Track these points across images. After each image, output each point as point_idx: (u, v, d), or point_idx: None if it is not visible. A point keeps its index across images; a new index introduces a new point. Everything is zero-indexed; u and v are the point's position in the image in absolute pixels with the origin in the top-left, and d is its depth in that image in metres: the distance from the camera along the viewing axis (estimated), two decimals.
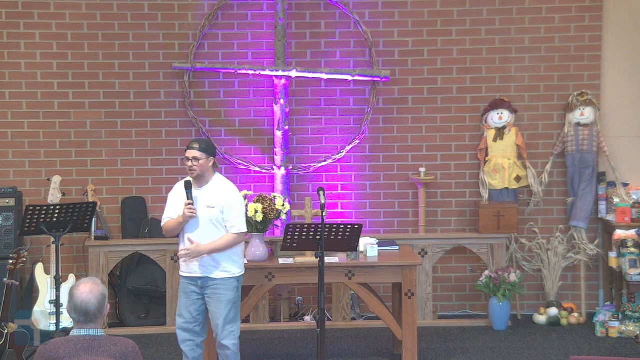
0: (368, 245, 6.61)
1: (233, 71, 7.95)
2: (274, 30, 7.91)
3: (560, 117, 8.14)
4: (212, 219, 5.65)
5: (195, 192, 5.67)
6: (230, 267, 5.70)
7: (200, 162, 5.62)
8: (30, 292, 7.52)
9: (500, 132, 8.00)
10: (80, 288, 3.94)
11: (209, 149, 5.69)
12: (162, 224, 5.83)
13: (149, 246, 7.67)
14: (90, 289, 3.93)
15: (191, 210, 5.59)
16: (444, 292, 8.19)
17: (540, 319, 7.81)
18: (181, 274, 5.79)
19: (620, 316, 7.40)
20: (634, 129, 8.13)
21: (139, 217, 7.99)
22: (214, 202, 5.66)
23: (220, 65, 7.98)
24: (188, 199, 5.62)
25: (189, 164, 5.64)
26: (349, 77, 7.98)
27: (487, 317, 7.78)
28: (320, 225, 5.62)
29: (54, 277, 6.11)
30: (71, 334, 3.95)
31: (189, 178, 5.71)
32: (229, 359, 5.72)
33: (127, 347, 3.92)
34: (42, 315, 7.08)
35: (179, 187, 5.79)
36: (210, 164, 5.70)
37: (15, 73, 7.96)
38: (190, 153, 5.64)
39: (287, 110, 7.95)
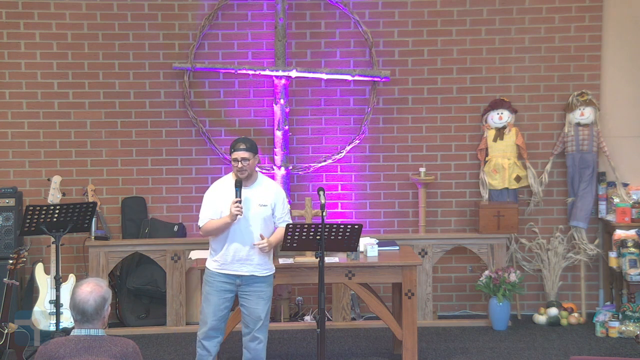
0: (368, 245, 6.61)
1: (233, 71, 7.95)
2: (274, 30, 7.91)
3: (560, 117, 8.14)
4: (265, 217, 5.69)
5: (244, 191, 5.64)
6: (271, 264, 5.83)
7: (250, 162, 5.64)
8: (30, 292, 7.52)
9: (500, 132, 8.00)
10: (82, 287, 3.95)
11: (254, 148, 5.72)
12: (202, 224, 5.75)
13: (149, 246, 7.67)
14: (91, 290, 3.94)
15: (239, 209, 5.55)
16: (444, 292, 8.19)
17: (540, 319, 7.81)
18: (217, 270, 5.74)
19: (620, 316, 7.40)
20: (634, 129, 8.13)
21: (139, 217, 7.99)
22: (265, 199, 5.70)
23: (220, 65, 7.98)
24: (237, 197, 5.57)
25: (239, 165, 5.62)
26: (349, 77, 7.98)
27: (487, 317, 7.78)
28: (320, 225, 5.62)
29: (54, 277, 6.11)
30: (72, 333, 3.95)
31: (237, 177, 5.66)
32: (260, 352, 5.78)
33: (127, 347, 3.92)
34: (42, 315, 7.08)
35: (222, 186, 5.75)
36: (257, 162, 5.75)
37: (15, 73, 7.96)
38: (240, 154, 5.63)
39: (287, 110, 7.95)
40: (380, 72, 7.97)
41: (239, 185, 5.61)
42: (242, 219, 5.62)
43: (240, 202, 5.56)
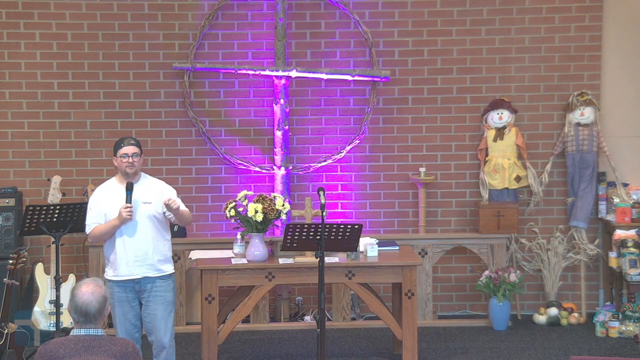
0: (368, 245, 6.61)
1: (233, 71, 7.95)
2: (274, 30, 7.91)
3: (560, 117, 8.14)
4: (152, 215, 5.61)
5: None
6: (169, 266, 5.73)
7: (139, 157, 5.63)
8: (30, 292, 7.52)
9: (500, 132, 8.00)
10: (82, 289, 3.95)
11: (140, 145, 5.70)
12: (89, 230, 5.65)
13: None
14: (92, 291, 3.94)
15: (129, 213, 5.47)
16: (444, 292, 8.19)
17: (540, 319, 7.81)
18: (115, 278, 5.62)
19: (620, 316, 7.40)
20: (634, 129, 8.13)
21: None
22: (149, 197, 5.62)
23: (220, 65, 7.98)
24: (128, 202, 5.50)
25: (130, 159, 5.56)
26: (349, 77, 7.98)
27: (487, 317, 7.78)
28: (320, 225, 5.62)
29: (54, 277, 6.11)
30: (71, 333, 3.95)
31: (126, 178, 5.59)
32: (171, 357, 5.72)
33: (127, 347, 3.93)
34: (42, 315, 7.09)
35: (105, 190, 5.68)
36: (142, 160, 5.73)
37: (15, 73, 7.96)
38: (131, 149, 5.59)
39: (287, 110, 7.95)
40: (380, 72, 7.97)
41: (130, 188, 5.53)
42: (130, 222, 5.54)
43: (131, 206, 5.48)
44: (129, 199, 5.52)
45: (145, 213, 5.59)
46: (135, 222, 5.56)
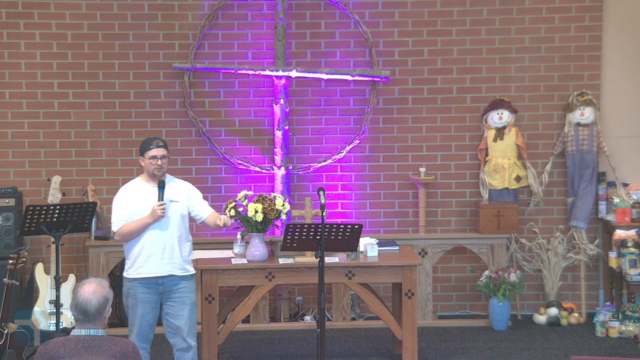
0: (368, 245, 6.61)
1: (233, 71, 7.96)
2: (274, 30, 7.91)
3: (560, 117, 8.14)
4: (179, 212, 5.68)
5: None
6: (191, 267, 5.82)
7: (167, 159, 5.70)
8: (30, 292, 7.52)
9: (500, 132, 8.00)
10: (84, 287, 3.97)
11: (167, 145, 5.78)
12: (116, 228, 5.67)
13: None
14: (93, 290, 3.95)
15: (163, 210, 5.54)
16: (444, 292, 8.19)
17: (540, 319, 7.81)
18: (139, 276, 5.66)
19: (620, 316, 7.40)
20: (634, 129, 8.13)
21: None
22: (176, 196, 5.70)
23: (220, 65, 7.98)
24: (161, 199, 5.57)
25: (159, 162, 5.63)
26: (349, 77, 7.98)
27: (487, 317, 7.78)
28: (320, 225, 5.62)
29: (54, 277, 6.11)
30: (72, 333, 3.96)
31: (158, 178, 5.65)
32: (195, 356, 5.76)
33: (127, 348, 3.93)
34: (42, 315, 7.09)
35: (132, 189, 5.72)
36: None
37: (15, 73, 7.96)
38: (160, 152, 5.65)
39: (287, 110, 7.95)
40: (380, 72, 7.97)
41: (162, 186, 5.60)
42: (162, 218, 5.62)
43: (164, 204, 5.56)
44: (161, 197, 5.58)
45: (173, 212, 5.66)
46: (164, 220, 5.62)
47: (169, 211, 5.62)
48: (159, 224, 5.61)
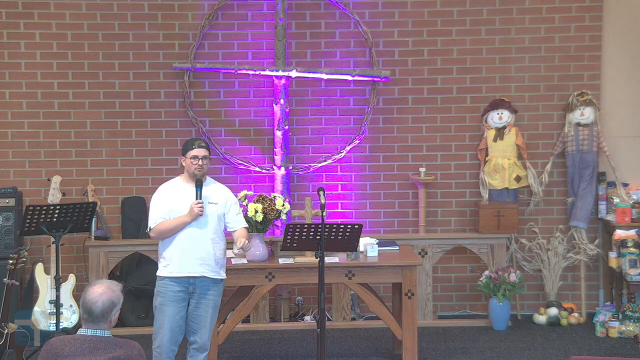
0: (368, 245, 6.61)
1: (233, 71, 7.96)
2: (274, 30, 7.91)
3: (560, 117, 8.14)
4: (218, 214, 5.67)
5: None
6: (223, 271, 5.79)
7: (208, 160, 5.67)
8: (30, 292, 7.52)
9: (500, 132, 8.00)
10: (94, 287, 3.98)
11: (209, 146, 5.77)
12: (153, 225, 5.62)
13: (149, 246, 7.65)
14: (101, 292, 3.95)
15: (201, 209, 5.53)
16: (444, 292, 8.19)
17: (540, 319, 7.81)
18: (172, 274, 5.63)
19: (620, 316, 7.40)
20: (634, 129, 8.14)
21: (139, 217, 7.99)
22: (215, 198, 5.67)
23: (220, 65, 7.98)
24: (199, 198, 5.56)
25: (200, 162, 5.59)
26: (349, 77, 7.98)
27: (487, 317, 7.79)
28: (320, 225, 5.62)
29: (54, 277, 6.11)
30: (78, 332, 3.98)
31: (197, 177, 5.62)
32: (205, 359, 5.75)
33: (132, 350, 3.94)
34: (42, 315, 7.09)
35: (171, 188, 5.70)
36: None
37: (15, 73, 7.96)
38: (201, 152, 5.61)
39: (287, 110, 7.96)
40: (380, 72, 7.97)
41: (200, 185, 5.59)
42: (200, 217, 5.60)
43: (202, 202, 5.55)
44: (199, 195, 5.56)
45: (211, 212, 5.63)
46: (201, 220, 5.59)
47: (206, 210, 5.60)
48: (196, 222, 5.58)
